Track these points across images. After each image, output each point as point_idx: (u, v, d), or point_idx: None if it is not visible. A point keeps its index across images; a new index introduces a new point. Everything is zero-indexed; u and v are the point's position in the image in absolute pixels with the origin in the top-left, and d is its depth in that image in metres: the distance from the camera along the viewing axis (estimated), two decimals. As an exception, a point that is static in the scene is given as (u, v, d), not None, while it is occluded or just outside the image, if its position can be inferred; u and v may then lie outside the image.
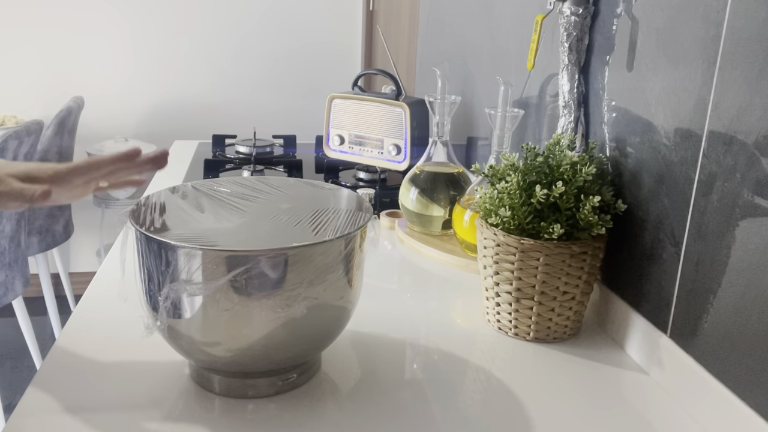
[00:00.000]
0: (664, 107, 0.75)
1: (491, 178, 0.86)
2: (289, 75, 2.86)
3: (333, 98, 1.47)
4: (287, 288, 0.63)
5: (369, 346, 0.83)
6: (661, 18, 0.75)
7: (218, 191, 0.81)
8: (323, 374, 0.75)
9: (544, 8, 0.93)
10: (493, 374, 0.78)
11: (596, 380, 0.77)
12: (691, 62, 0.70)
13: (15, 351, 2.49)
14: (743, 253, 0.63)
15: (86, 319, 0.85)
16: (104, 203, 2.64)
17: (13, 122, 2.64)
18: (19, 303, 2.09)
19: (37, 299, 2.58)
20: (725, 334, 0.65)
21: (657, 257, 0.77)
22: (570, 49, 0.90)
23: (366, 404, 0.71)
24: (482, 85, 1.38)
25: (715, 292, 0.67)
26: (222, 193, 0.81)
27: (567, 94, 0.92)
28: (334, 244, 0.66)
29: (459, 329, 0.88)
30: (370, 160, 1.45)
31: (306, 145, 1.84)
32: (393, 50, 2.22)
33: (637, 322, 0.80)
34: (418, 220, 1.17)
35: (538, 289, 0.81)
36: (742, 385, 0.63)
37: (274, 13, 2.79)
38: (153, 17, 2.72)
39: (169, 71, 2.78)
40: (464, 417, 0.69)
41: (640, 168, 0.80)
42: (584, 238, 0.79)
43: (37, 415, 0.66)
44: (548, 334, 0.84)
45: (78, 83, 2.72)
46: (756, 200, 0.61)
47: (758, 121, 0.60)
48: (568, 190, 0.78)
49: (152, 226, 0.72)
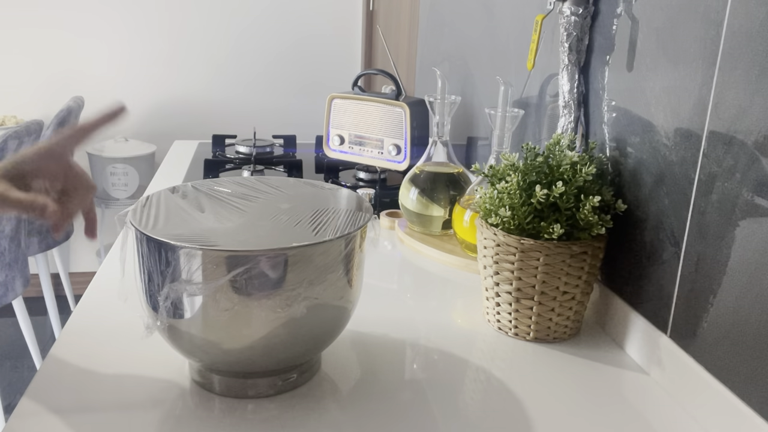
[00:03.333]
0: (664, 107, 0.75)
1: (491, 178, 0.86)
2: (289, 75, 2.86)
3: (333, 98, 1.47)
4: (287, 288, 0.63)
5: (369, 346, 0.82)
6: (661, 18, 0.75)
7: (218, 191, 0.81)
8: (323, 374, 0.75)
9: (544, 8, 0.93)
10: (493, 374, 0.78)
11: (596, 380, 0.77)
12: (691, 62, 0.70)
13: (15, 351, 2.49)
14: (743, 253, 0.63)
15: (86, 319, 0.85)
16: (104, 203, 2.64)
17: (13, 122, 2.64)
18: (19, 303, 2.09)
19: (37, 299, 2.58)
20: (725, 334, 0.65)
21: (657, 257, 0.77)
22: (570, 49, 0.90)
23: (366, 404, 0.71)
24: (482, 85, 1.38)
25: (715, 292, 0.67)
26: (222, 193, 0.81)
27: (567, 94, 0.92)
28: (334, 244, 0.66)
29: (459, 329, 0.88)
30: (370, 160, 1.45)
31: (306, 145, 1.84)
32: (393, 50, 2.21)
33: (637, 322, 0.80)
34: (418, 220, 1.17)
35: (538, 289, 0.81)
36: (742, 385, 0.63)
37: (274, 12, 2.79)
38: (153, 17, 2.72)
39: (169, 71, 2.78)
40: (464, 417, 0.69)
41: (640, 168, 0.80)
42: (584, 238, 0.79)
43: (37, 415, 0.66)
44: (548, 334, 0.84)
45: (78, 83, 2.72)
46: (756, 200, 0.61)
47: (758, 121, 0.60)
48: (568, 190, 0.78)
49: (152, 226, 0.72)
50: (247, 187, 0.82)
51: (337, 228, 0.77)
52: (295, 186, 0.83)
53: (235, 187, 0.82)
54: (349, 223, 0.76)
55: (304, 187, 0.83)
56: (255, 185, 0.83)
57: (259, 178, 0.83)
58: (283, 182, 0.84)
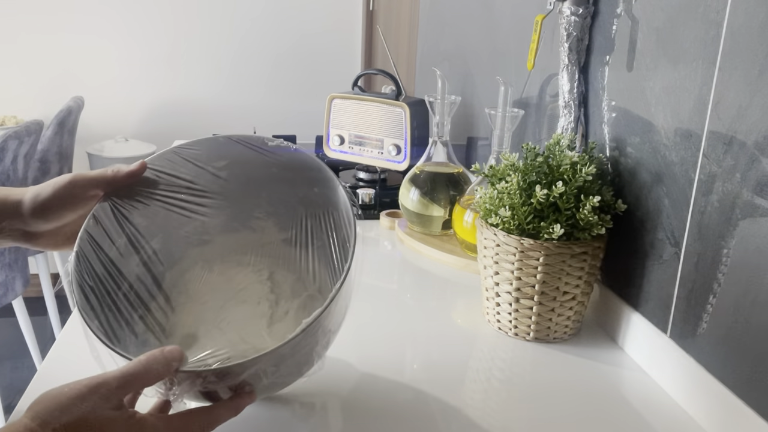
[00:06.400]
0: (664, 107, 0.75)
1: (491, 178, 0.86)
2: (289, 75, 2.86)
3: (333, 98, 1.47)
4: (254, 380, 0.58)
5: (369, 346, 0.82)
6: (661, 18, 0.75)
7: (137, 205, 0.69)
8: (323, 374, 0.75)
9: (544, 8, 0.93)
10: (493, 374, 0.78)
11: (596, 380, 0.77)
12: (691, 62, 0.70)
13: (15, 351, 2.49)
14: (743, 253, 0.63)
15: (86, 319, 0.85)
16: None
17: (13, 122, 2.64)
18: (19, 303, 2.09)
19: (37, 299, 2.58)
20: (725, 334, 0.65)
21: (657, 257, 0.77)
22: (570, 49, 0.90)
23: (366, 404, 0.71)
24: (482, 85, 1.38)
25: (715, 292, 0.67)
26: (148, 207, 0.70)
27: (567, 94, 0.92)
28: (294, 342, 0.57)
29: (459, 329, 0.88)
30: (370, 160, 1.44)
31: (306, 145, 1.84)
32: (393, 50, 2.21)
33: (637, 322, 0.80)
34: (418, 220, 1.17)
35: (538, 289, 0.81)
36: (742, 385, 0.63)
37: (274, 12, 2.79)
38: (152, 17, 2.72)
39: (168, 71, 2.78)
40: (464, 417, 0.69)
41: (640, 168, 0.80)
42: (584, 238, 0.79)
43: (37, 415, 0.66)
44: (548, 334, 0.84)
45: (78, 83, 2.72)
46: (756, 200, 0.61)
47: (758, 121, 0.60)
48: (568, 190, 0.78)
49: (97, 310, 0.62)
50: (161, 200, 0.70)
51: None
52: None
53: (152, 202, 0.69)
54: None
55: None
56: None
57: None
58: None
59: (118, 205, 0.67)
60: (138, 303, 0.67)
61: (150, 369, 0.53)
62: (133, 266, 0.68)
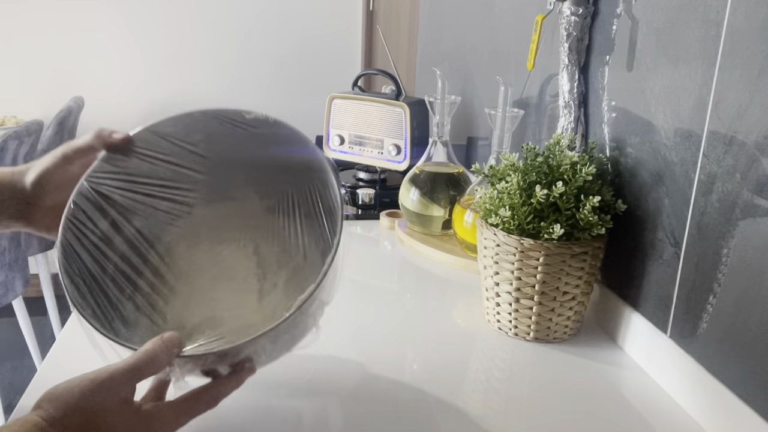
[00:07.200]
0: (664, 107, 0.75)
1: (491, 178, 0.86)
2: (289, 75, 2.86)
3: (333, 98, 1.47)
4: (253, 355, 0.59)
5: (369, 346, 0.82)
6: (661, 18, 0.75)
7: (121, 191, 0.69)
8: (324, 374, 0.75)
9: (544, 8, 0.93)
10: (493, 374, 0.78)
11: (596, 380, 0.77)
12: (691, 62, 0.70)
13: (15, 351, 2.49)
14: (743, 253, 0.63)
15: (86, 319, 0.85)
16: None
17: (13, 122, 2.64)
18: (19, 303, 2.09)
19: (37, 299, 2.58)
20: (725, 334, 0.65)
21: (657, 257, 0.77)
22: (570, 49, 0.90)
23: (366, 404, 0.71)
24: (482, 85, 1.38)
25: (715, 292, 0.67)
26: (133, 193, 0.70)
27: (567, 94, 0.92)
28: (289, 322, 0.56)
29: (459, 329, 0.88)
30: (370, 160, 1.44)
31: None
32: (393, 50, 2.21)
33: (637, 322, 0.80)
34: (418, 220, 1.17)
35: (538, 289, 0.81)
36: (742, 385, 0.63)
37: (274, 13, 2.79)
38: (153, 17, 2.72)
39: (168, 71, 2.78)
40: (464, 417, 0.69)
41: (640, 168, 0.80)
42: (584, 238, 0.79)
43: (37, 415, 0.66)
44: (548, 334, 0.84)
45: (78, 83, 2.72)
46: (756, 200, 0.61)
47: (758, 121, 0.60)
48: (568, 190, 0.78)
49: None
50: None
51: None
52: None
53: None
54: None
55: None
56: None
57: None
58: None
59: (96, 187, 0.67)
60: (126, 284, 0.67)
61: (154, 359, 0.53)
62: (117, 247, 0.68)
